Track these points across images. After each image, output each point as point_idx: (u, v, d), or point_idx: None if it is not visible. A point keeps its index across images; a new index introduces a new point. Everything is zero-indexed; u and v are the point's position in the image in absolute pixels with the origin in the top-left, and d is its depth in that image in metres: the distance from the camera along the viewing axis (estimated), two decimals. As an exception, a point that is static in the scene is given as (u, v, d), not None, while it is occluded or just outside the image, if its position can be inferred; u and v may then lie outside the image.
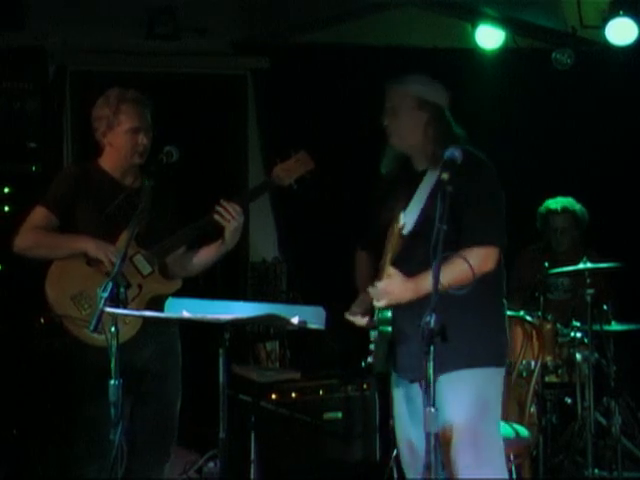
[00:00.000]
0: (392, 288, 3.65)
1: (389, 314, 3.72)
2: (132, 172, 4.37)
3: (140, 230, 4.18)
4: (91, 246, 4.18)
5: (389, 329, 3.71)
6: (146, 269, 4.25)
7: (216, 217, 4.22)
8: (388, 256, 3.70)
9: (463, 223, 3.67)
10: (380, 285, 3.66)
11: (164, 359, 4.34)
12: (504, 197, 3.81)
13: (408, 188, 3.81)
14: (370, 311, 3.82)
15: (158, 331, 4.26)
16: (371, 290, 3.70)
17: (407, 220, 3.71)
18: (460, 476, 3.71)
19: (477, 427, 3.71)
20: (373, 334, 3.77)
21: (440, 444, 3.57)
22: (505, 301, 3.94)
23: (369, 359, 3.78)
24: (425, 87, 3.88)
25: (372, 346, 3.76)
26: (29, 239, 4.28)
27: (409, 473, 3.94)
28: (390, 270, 3.66)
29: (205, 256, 4.41)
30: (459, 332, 3.63)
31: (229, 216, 4.21)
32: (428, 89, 3.87)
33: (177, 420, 4.42)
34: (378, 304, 3.69)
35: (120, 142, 4.29)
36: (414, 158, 3.90)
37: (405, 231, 3.70)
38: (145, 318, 4.11)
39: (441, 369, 3.60)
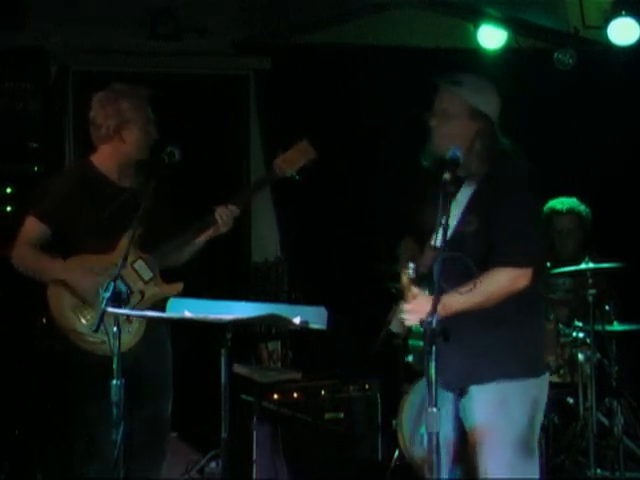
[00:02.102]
0: (419, 308, 3.56)
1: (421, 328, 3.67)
2: (129, 172, 4.36)
3: (140, 233, 4.17)
4: (70, 277, 4.16)
5: (420, 343, 3.65)
6: (147, 274, 4.24)
7: (217, 218, 4.27)
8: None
9: (494, 239, 3.61)
10: (406, 307, 3.60)
11: (155, 358, 4.31)
12: (541, 212, 3.78)
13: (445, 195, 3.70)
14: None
15: (148, 329, 4.24)
16: (400, 310, 3.65)
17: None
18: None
19: (504, 439, 3.68)
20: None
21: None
22: (542, 313, 3.93)
23: (409, 357, 3.76)
24: (480, 95, 3.76)
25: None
26: (17, 257, 4.28)
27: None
28: (414, 290, 3.61)
29: (196, 246, 4.42)
30: (491, 344, 3.64)
31: (227, 218, 4.28)
32: (483, 97, 3.76)
33: (170, 419, 4.42)
34: (409, 323, 3.63)
35: (135, 137, 4.27)
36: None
37: (437, 243, 3.61)
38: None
39: (473, 380, 3.65)
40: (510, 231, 3.60)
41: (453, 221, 3.62)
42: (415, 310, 3.57)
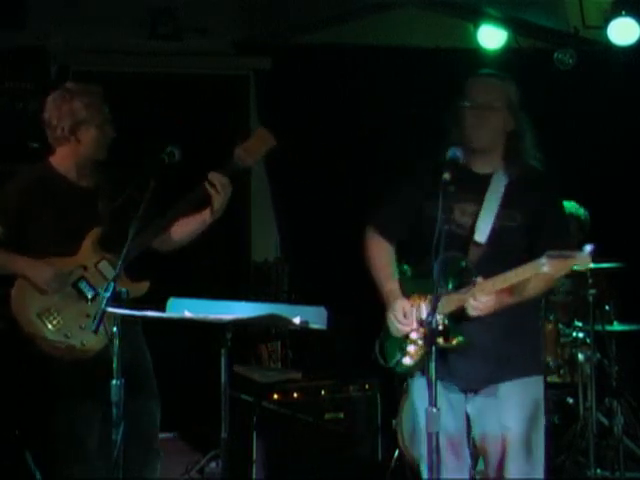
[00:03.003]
0: (485, 304, 3.50)
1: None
2: (87, 172, 4.31)
3: (103, 233, 4.15)
4: (30, 271, 4.12)
5: (461, 339, 3.56)
6: (111, 275, 4.09)
7: (210, 189, 4.20)
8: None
9: (543, 236, 3.63)
10: (481, 301, 3.48)
11: (129, 357, 4.24)
12: None
13: (471, 190, 3.67)
14: (411, 317, 3.69)
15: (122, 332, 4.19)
16: (470, 303, 3.52)
17: (481, 228, 3.63)
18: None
19: (530, 435, 3.75)
20: (415, 336, 3.67)
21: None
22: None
23: (405, 360, 3.70)
24: (513, 87, 3.73)
25: (411, 347, 3.68)
26: None
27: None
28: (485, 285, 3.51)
29: (188, 229, 4.34)
30: (514, 344, 3.66)
31: (220, 188, 4.21)
32: (515, 90, 3.73)
33: (156, 418, 4.39)
34: (472, 313, 3.51)
35: (91, 136, 4.22)
36: (477, 159, 3.72)
37: (481, 239, 3.62)
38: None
39: (497, 378, 3.66)
40: (562, 231, 3.72)
41: (489, 215, 3.63)
42: (480, 306, 3.50)
